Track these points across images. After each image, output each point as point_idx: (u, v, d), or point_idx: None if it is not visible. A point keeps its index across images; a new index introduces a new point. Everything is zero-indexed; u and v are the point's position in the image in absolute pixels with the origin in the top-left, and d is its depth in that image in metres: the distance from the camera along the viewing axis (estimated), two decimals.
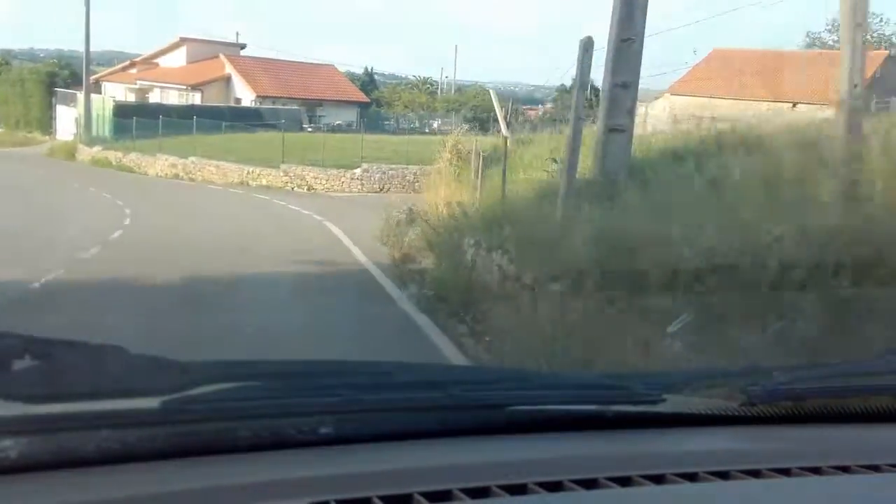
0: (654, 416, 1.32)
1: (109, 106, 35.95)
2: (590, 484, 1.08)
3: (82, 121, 36.19)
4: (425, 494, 1.02)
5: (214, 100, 40.57)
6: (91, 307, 7.35)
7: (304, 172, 24.15)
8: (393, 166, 24.07)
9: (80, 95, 37.36)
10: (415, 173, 23.23)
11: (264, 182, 24.58)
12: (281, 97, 43.01)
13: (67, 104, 40.61)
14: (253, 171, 24.88)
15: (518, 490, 1.05)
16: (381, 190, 23.51)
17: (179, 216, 16.69)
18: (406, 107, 52.68)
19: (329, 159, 24.56)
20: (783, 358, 3.96)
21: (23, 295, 7.77)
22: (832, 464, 1.20)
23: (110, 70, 48.42)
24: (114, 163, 29.92)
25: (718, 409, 1.36)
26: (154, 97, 42.73)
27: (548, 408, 1.30)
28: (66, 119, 39.52)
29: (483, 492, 1.04)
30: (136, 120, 31.34)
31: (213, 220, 16.41)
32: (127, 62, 48.52)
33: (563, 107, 34.23)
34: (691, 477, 1.13)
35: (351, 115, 45.84)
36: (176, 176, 26.85)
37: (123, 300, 7.82)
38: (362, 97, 50.54)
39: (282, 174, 24.31)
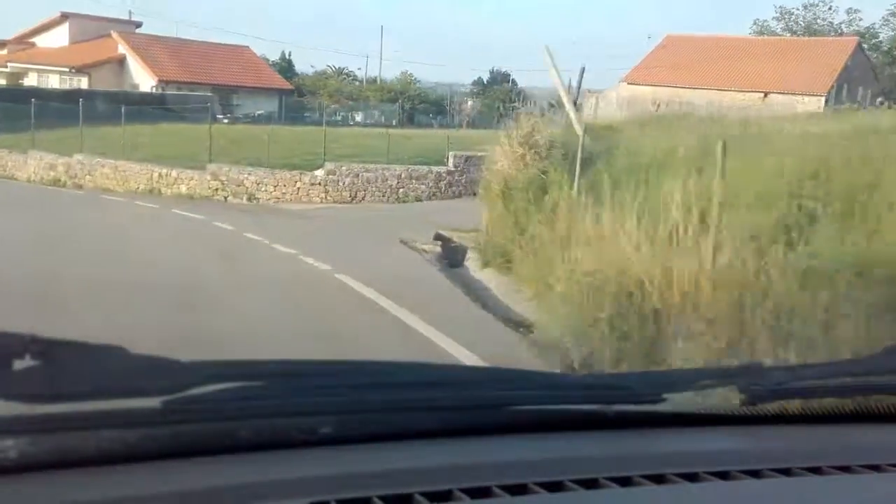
0: (654, 416, 1.31)
1: None
2: (590, 484, 1.08)
3: None
4: (425, 494, 1.01)
5: (105, 85, 34.05)
6: None
7: (241, 176, 17.62)
8: (368, 166, 17.67)
9: None
10: (399, 176, 16.95)
11: (184, 189, 17.89)
12: (188, 82, 37.15)
13: None
14: (167, 174, 18.50)
15: (518, 490, 1.05)
16: (352, 199, 17.29)
17: (53, 258, 8.92)
18: (331, 97, 47.02)
19: (273, 157, 17.92)
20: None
21: None
22: (832, 463, 1.19)
23: None
24: None
25: (718, 409, 1.36)
26: (30, 82, 36.11)
27: (548, 408, 1.29)
28: None
29: (483, 492, 1.03)
30: (4, 108, 23.99)
31: (121, 273, 8.16)
32: None
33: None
34: (691, 477, 1.12)
35: (271, 104, 40.02)
36: (56, 181, 20.03)
37: None
38: (284, 84, 44.15)
39: (209, 178, 17.77)
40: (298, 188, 17.56)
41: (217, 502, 0.98)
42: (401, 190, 17.58)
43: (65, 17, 39.16)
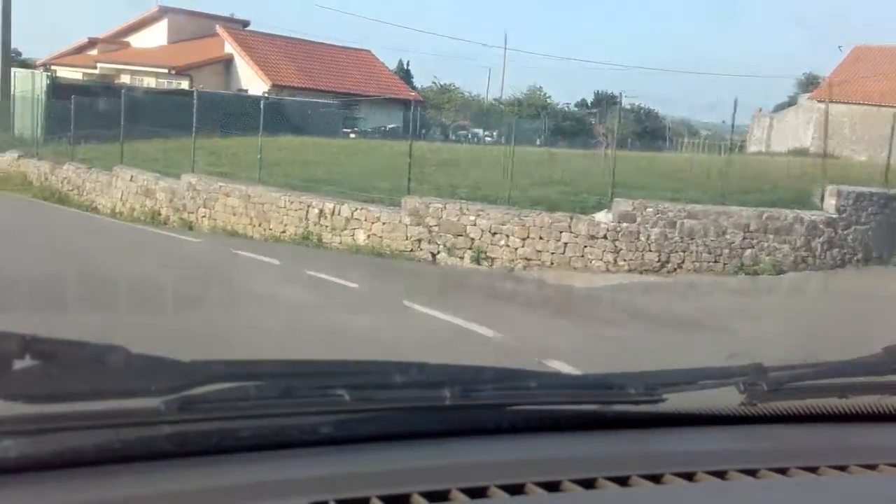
0: (653, 416, 1.31)
1: (43, 86, 21.56)
2: (588, 484, 1.08)
3: None
4: (425, 494, 1.01)
5: (208, 89, 27.97)
6: None
7: (461, 218, 10.09)
8: (689, 208, 9.96)
9: None
10: (746, 226, 9.51)
11: (361, 238, 11.11)
12: (304, 88, 31.31)
13: None
14: (333, 212, 11.63)
15: (517, 490, 1.05)
16: (661, 265, 9.48)
17: None
18: (458, 111, 40.52)
19: (485, 186, 10.81)
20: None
21: None
22: (830, 463, 1.19)
23: (60, 52, 35.79)
24: (36, 182, 18.72)
25: (718, 410, 1.36)
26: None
27: (548, 408, 1.29)
28: None
29: (482, 492, 1.03)
30: (86, 108, 18.18)
31: None
32: (84, 40, 35.28)
33: None
34: (689, 477, 1.12)
35: (395, 117, 32.53)
36: (154, 215, 13.61)
37: None
38: (412, 94, 36.91)
39: (406, 219, 10.81)
40: (565, 243, 10.03)
41: (217, 502, 0.98)
42: (747, 252, 9.93)
43: (163, 11, 34.11)
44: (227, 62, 31.52)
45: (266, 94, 30.49)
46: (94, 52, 33.49)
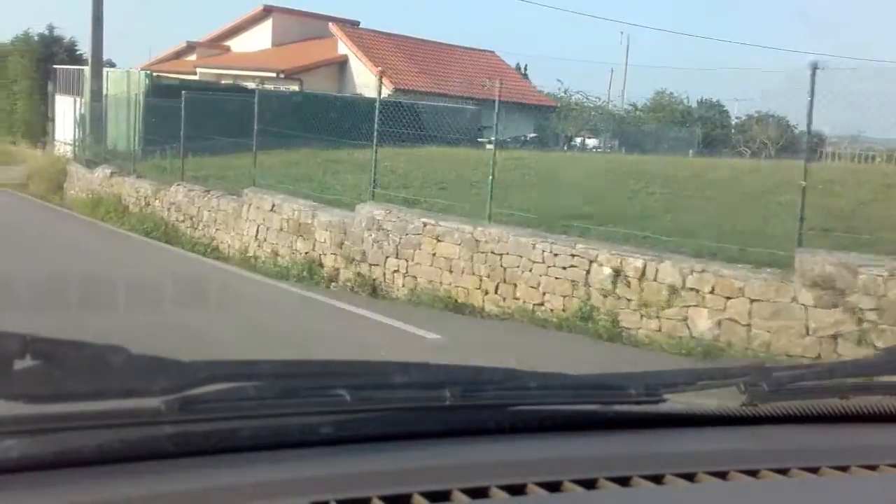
0: (654, 416, 1.30)
1: (141, 87, 17.42)
2: (589, 484, 1.07)
3: (87, 120, 17.97)
4: (425, 494, 1.00)
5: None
6: None
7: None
8: None
9: (87, 71, 19.44)
10: None
11: (703, 323, 5.39)
12: (428, 92, 26.98)
13: (72, 93, 22.32)
14: (649, 272, 6.47)
15: (517, 490, 1.04)
16: None
17: None
18: (587, 118, 35.59)
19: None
20: None
21: None
22: (831, 464, 1.18)
23: (156, 58, 33.27)
24: (134, 208, 14.45)
25: (718, 410, 1.35)
26: None
27: (548, 408, 1.28)
28: (72, 117, 22.36)
29: (482, 492, 1.02)
30: (197, 112, 14.79)
31: None
32: (182, 43, 32.43)
33: None
34: (690, 477, 1.11)
35: (524, 125, 28.04)
36: (313, 266, 9.64)
37: None
38: (545, 100, 32.38)
39: (809, 295, 5.29)
40: None
41: (217, 502, 0.97)
42: None
43: (267, 11, 30.69)
44: (341, 64, 27.92)
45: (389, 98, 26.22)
46: (192, 57, 30.52)
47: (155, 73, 21.29)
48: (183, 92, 14.23)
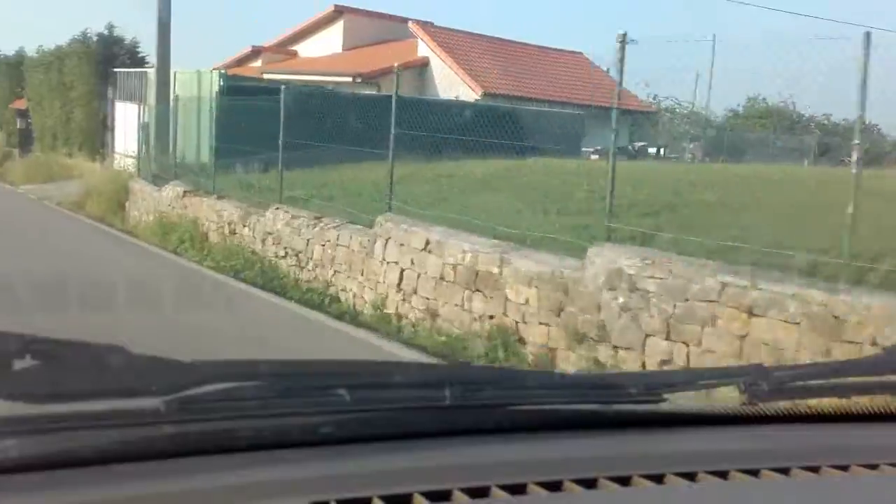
0: (654, 416, 1.31)
1: (214, 87, 14.76)
2: (589, 484, 1.08)
3: (151, 128, 15.26)
4: (425, 494, 1.01)
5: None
6: None
7: None
8: None
9: (151, 74, 16.84)
10: None
11: None
12: (519, 97, 24.33)
13: (134, 99, 19.81)
14: None
15: (518, 490, 1.04)
16: None
17: None
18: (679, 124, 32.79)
19: None
20: None
21: None
22: (831, 463, 1.18)
23: (220, 64, 31.19)
24: (216, 237, 11.57)
25: (718, 409, 1.35)
26: None
27: (548, 408, 1.29)
28: (134, 126, 19.93)
29: (483, 492, 1.03)
30: (291, 116, 11.69)
31: None
32: (247, 49, 30.15)
33: None
34: (690, 477, 1.12)
35: (622, 132, 24.78)
36: (505, 338, 6.41)
37: None
38: (640, 105, 29.21)
39: None
40: None
41: (217, 502, 0.97)
42: None
43: (339, 12, 28.46)
44: (422, 67, 25.27)
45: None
46: (257, 63, 28.23)
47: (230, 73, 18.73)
48: (282, 87, 11.21)
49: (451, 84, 24.35)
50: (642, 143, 24.73)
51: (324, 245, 9.06)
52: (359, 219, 8.88)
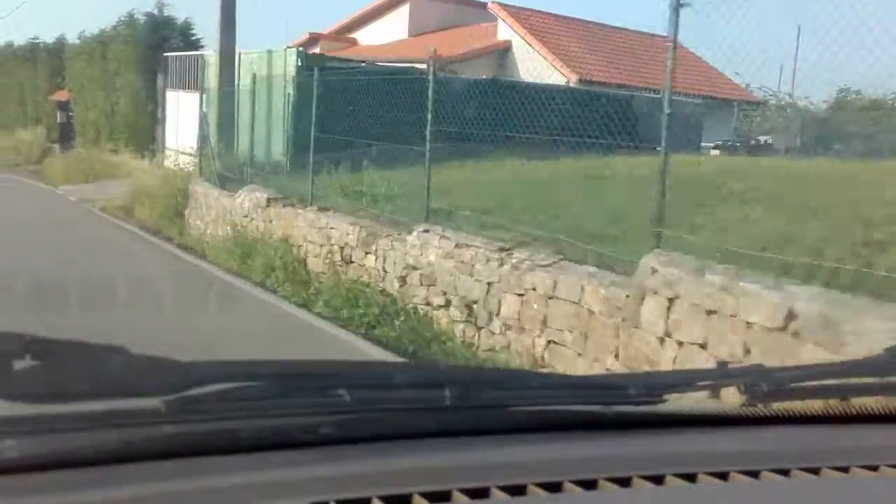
0: (654, 417, 1.31)
1: (291, 69, 11.98)
2: (590, 485, 1.08)
3: (212, 118, 12.42)
4: (425, 495, 1.01)
5: None
6: None
7: None
8: None
9: (212, 59, 14.00)
10: None
11: None
12: (618, 85, 21.53)
13: (187, 87, 17.16)
14: None
15: (518, 491, 1.04)
16: None
17: None
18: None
19: None
20: None
21: None
22: (831, 464, 1.18)
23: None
24: (318, 263, 8.19)
25: (718, 410, 1.36)
26: None
27: (548, 408, 1.29)
28: (188, 117, 17.16)
29: (483, 492, 1.03)
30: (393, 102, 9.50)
31: None
32: (304, 36, 27.50)
33: None
34: (691, 478, 1.12)
35: (726, 126, 23.15)
36: None
37: None
38: (744, 94, 26.30)
39: None
40: None
41: (217, 502, 0.97)
42: None
43: None
44: (502, 52, 22.70)
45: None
46: (315, 49, 26.05)
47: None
48: (429, 61, 7.74)
49: (538, 70, 21.61)
50: (766, 137, 21.93)
51: (522, 295, 5.75)
52: (575, 251, 5.71)
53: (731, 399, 1.32)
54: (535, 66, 21.71)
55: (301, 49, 14.23)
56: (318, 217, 8.50)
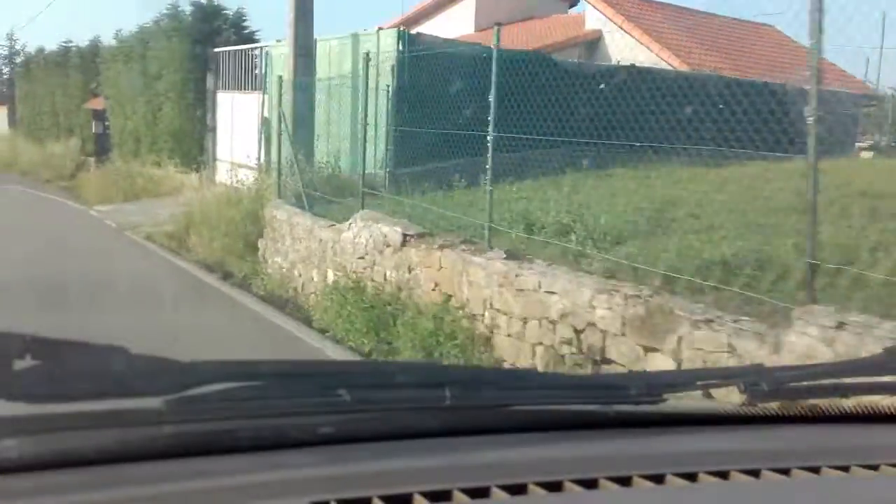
0: (655, 417, 1.30)
1: (393, 54, 9.00)
2: (590, 484, 1.07)
3: (287, 122, 9.32)
4: (425, 494, 1.00)
5: None
6: None
7: None
8: None
9: (277, 51, 11.10)
10: None
11: None
12: (735, 79, 16.25)
13: (242, 88, 14.37)
14: None
15: (518, 490, 1.04)
16: None
17: None
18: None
19: None
20: None
21: None
22: (832, 464, 1.18)
23: None
24: (505, 343, 4.63)
25: (719, 410, 1.36)
26: None
27: (548, 408, 1.28)
28: (245, 123, 14.85)
29: (483, 492, 1.03)
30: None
31: None
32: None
33: None
34: (691, 477, 1.12)
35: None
36: None
37: None
38: (857, 85, 23.24)
39: None
40: None
41: (217, 502, 0.97)
42: None
43: None
44: (591, 43, 20.19)
45: None
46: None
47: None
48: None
49: (633, 60, 18.93)
50: None
51: None
52: None
53: (731, 399, 1.33)
54: (635, 59, 18.89)
55: (403, 29, 11.37)
56: (517, 269, 5.18)
